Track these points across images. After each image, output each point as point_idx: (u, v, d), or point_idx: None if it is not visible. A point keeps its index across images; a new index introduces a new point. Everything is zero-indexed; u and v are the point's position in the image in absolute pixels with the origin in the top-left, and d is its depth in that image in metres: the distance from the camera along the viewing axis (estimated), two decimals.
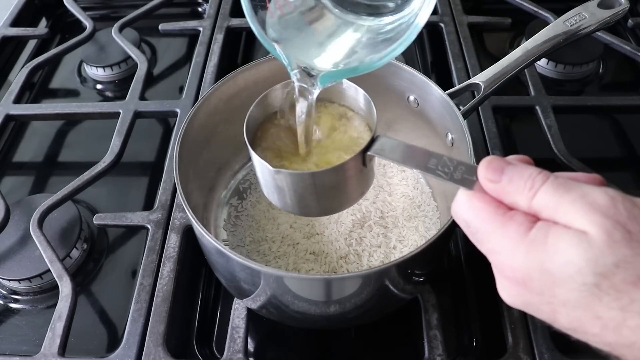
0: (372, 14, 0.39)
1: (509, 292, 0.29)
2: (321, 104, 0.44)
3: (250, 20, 0.37)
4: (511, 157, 0.31)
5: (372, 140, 0.38)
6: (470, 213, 0.30)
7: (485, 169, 0.30)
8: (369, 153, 0.37)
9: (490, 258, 0.30)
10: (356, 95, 0.43)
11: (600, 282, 0.25)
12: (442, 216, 0.55)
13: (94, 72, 0.78)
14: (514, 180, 0.29)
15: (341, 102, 0.44)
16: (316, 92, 0.38)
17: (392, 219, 0.54)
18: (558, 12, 0.62)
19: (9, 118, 0.67)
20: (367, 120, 0.43)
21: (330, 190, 0.39)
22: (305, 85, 0.38)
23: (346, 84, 0.42)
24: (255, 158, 0.39)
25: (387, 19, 0.38)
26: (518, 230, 0.28)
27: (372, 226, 0.53)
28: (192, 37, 0.81)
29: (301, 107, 0.40)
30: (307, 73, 0.38)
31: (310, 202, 0.40)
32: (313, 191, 0.39)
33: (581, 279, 0.25)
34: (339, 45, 0.39)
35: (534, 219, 0.28)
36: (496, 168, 0.29)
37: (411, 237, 0.53)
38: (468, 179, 0.31)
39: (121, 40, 0.75)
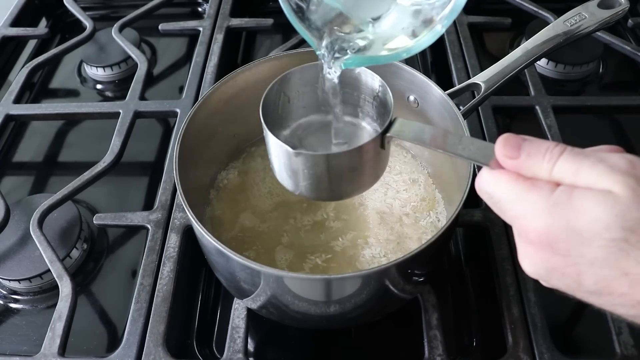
0: None
1: (532, 259, 0.30)
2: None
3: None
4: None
5: (390, 123, 0.38)
6: (492, 185, 0.31)
7: (503, 147, 0.30)
8: (388, 134, 0.38)
9: (514, 224, 0.30)
10: (372, 81, 0.43)
11: (628, 237, 0.25)
12: (447, 206, 0.54)
13: (94, 72, 0.78)
14: (532, 154, 0.29)
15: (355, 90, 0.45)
16: (337, 73, 0.40)
17: (397, 217, 0.54)
18: (558, 12, 0.62)
19: (9, 118, 0.67)
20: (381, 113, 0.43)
21: (348, 172, 0.40)
22: (329, 68, 0.39)
23: (361, 70, 0.42)
24: (273, 141, 0.39)
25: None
26: (540, 193, 0.28)
27: (376, 225, 0.53)
28: (192, 37, 0.81)
29: (328, 86, 0.41)
30: (333, 55, 0.39)
31: (326, 185, 0.40)
32: (331, 173, 0.39)
33: (609, 235, 0.26)
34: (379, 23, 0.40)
35: (556, 185, 0.28)
36: (513, 145, 0.30)
37: (418, 234, 0.52)
38: (487, 156, 0.32)
39: (121, 40, 0.75)
